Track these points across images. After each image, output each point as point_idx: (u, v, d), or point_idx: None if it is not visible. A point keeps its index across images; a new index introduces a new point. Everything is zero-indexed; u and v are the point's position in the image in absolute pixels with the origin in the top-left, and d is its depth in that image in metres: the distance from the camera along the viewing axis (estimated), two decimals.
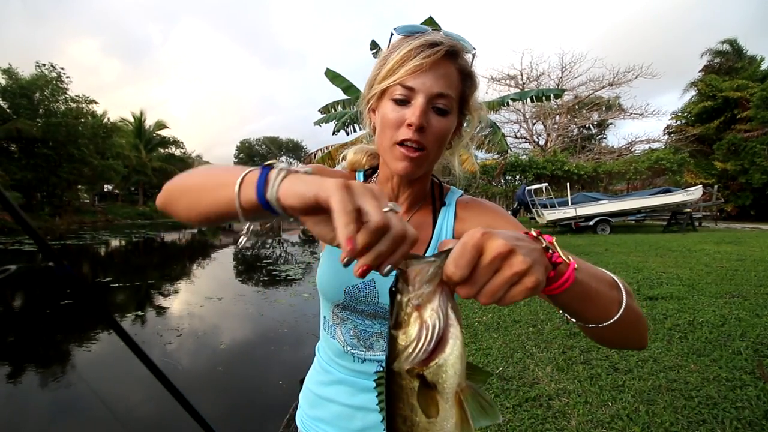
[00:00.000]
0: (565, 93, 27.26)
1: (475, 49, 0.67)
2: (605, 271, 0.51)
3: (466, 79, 0.66)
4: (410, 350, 0.38)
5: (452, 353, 0.38)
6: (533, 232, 0.43)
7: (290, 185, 0.39)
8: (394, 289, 0.41)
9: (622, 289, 0.49)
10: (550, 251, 0.42)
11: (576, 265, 0.43)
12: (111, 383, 3.57)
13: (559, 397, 2.44)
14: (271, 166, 0.42)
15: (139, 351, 1.09)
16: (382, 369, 0.43)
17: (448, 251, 0.37)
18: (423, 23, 0.66)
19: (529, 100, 9.19)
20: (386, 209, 0.36)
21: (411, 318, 0.39)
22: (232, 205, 0.43)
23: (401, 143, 0.63)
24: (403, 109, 0.63)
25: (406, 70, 0.60)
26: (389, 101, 0.64)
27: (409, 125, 0.61)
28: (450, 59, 0.62)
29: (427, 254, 0.73)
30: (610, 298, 0.48)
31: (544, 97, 9.11)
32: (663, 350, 3.10)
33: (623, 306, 0.48)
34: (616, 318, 0.48)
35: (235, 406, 3.09)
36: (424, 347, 0.38)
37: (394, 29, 0.65)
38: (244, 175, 0.43)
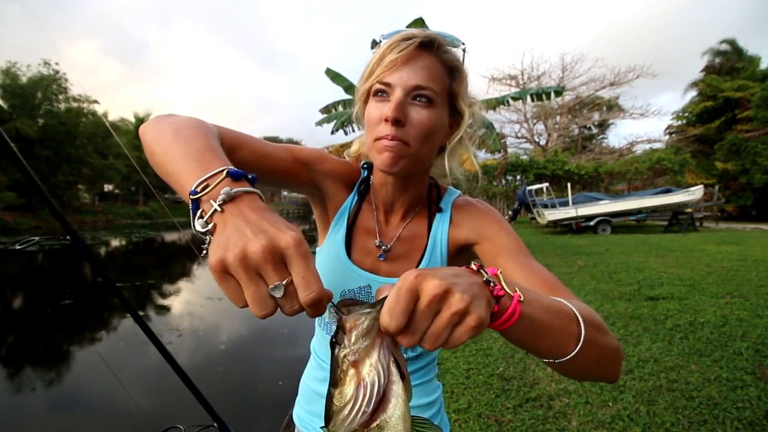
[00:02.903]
0: (566, 93, 27.24)
1: (463, 44, 0.66)
2: (565, 302, 0.48)
3: (453, 73, 0.65)
4: (346, 413, 0.35)
5: (394, 414, 0.35)
6: (474, 266, 0.40)
7: (211, 240, 0.36)
8: (333, 339, 0.37)
9: (581, 323, 0.45)
10: (492, 284, 0.39)
11: (522, 298, 0.40)
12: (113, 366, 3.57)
13: (559, 398, 2.44)
14: (198, 202, 0.39)
15: (144, 325, 1.10)
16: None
17: (384, 299, 0.35)
18: (413, 22, 0.65)
19: (529, 98, 9.17)
20: (271, 287, 0.33)
21: (347, 376, 0.35)
22: (182, 191, 0.42)
23: (381, 138, 0.62)
24: (383, 105, 0.62)
25: (382, 67, 0.61)
26: (372, 101, 0.64)
27: (386, 120, 0.60)
28: (427, 51, 0.61)
29: (420, 266, 0.72)
30: (566, 333, 0.44)
31: (544, 96, 9.08)
32: (664, 351, 3.10)
33: (581, 341, 0.44)
34: (572, 354, 0.44)
35: (235, 406, 3.09)
36: (362, 409, 0.34)
37: (382, 36, 0.65)
38: (192, 191, 0.40)
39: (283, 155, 0.68)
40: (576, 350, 0.44)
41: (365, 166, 0.78)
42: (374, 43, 0.67)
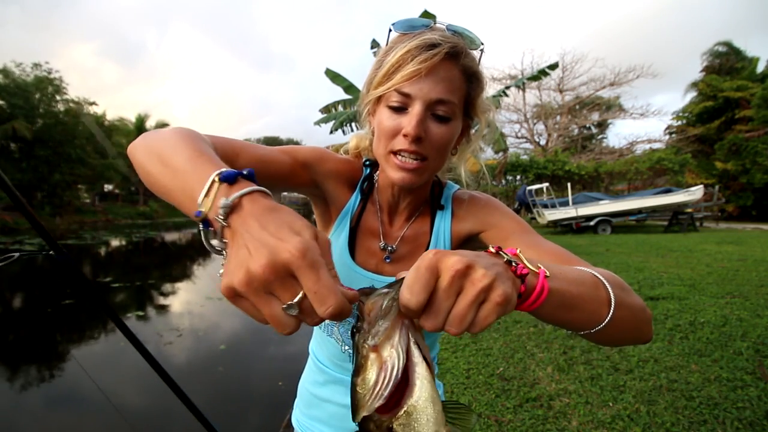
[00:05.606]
0: (566, 93, 27.26)
1: (483, 44, 0.62)
2: (584, 269, 0.47)
3: (472, 80, 0.62)
4: (367, 398, 0.33)
5: (421, 397, 0.33)
6: (492, 249, 0.39)
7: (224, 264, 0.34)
8: (354, 329, 0.35)
9: (608, 287, 0.45)
10: (514, 264, 0.37)
11: (547, 273, 0.39)
12: (107, 373, 3.57)
13: (559, 398, 2.44)
14: (207, 222, 0.36)
15: (135, 340, 1.10)
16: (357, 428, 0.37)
17: (403, 279, 0.33)
18: (422, 15, 0.63)
19: (528, 95, 9.21)
20: (284, 306, 0.32)
21: (368, 361, 0.33)
22: (185, 210, 0.40)
23: (397, 153, 0.61)
24: (399, 116, 0.59)
25: (402, 75, 0.56)
26: (385, 108, 0.60)
27: (405, 135, 0.58)
28: (451, 60, 0.57)
29: None
30: (597, 300, 0.44)
31: (541, 75, 9.17)
32: (664, 350, 3.10)
33: (613, 305, 0.44)
34: (608, 319, 0.44)
35: (235, 407, 3.09)
36: (380, 392, 0.32)
37: (392, 25, 0.61)
38: (197, 212, 0.37)
39: (283, 158, 0.66)
40: (610, 315, 0.44)
41: (367, 163, 0.77)
42: (374, 44, 0.66)
